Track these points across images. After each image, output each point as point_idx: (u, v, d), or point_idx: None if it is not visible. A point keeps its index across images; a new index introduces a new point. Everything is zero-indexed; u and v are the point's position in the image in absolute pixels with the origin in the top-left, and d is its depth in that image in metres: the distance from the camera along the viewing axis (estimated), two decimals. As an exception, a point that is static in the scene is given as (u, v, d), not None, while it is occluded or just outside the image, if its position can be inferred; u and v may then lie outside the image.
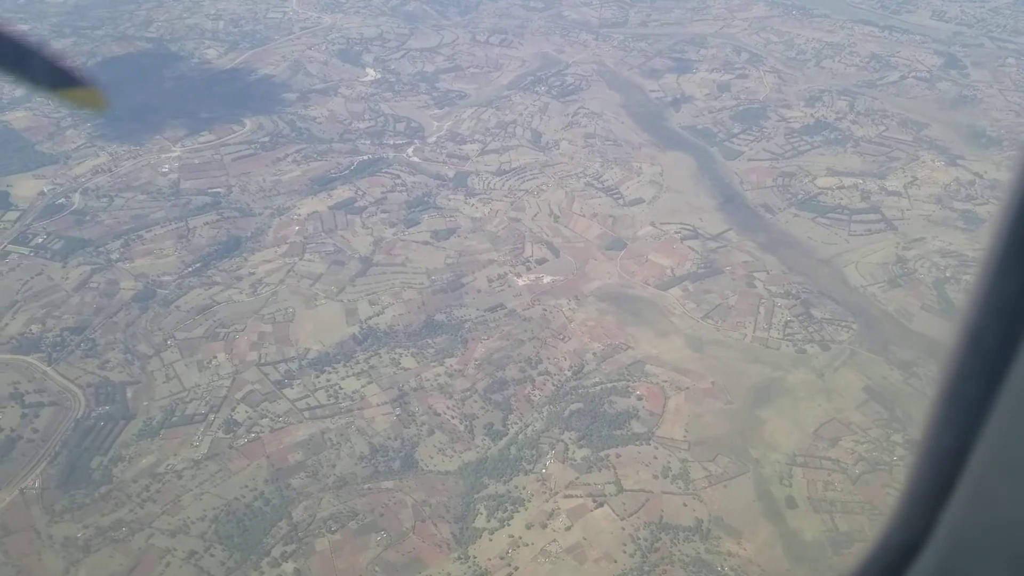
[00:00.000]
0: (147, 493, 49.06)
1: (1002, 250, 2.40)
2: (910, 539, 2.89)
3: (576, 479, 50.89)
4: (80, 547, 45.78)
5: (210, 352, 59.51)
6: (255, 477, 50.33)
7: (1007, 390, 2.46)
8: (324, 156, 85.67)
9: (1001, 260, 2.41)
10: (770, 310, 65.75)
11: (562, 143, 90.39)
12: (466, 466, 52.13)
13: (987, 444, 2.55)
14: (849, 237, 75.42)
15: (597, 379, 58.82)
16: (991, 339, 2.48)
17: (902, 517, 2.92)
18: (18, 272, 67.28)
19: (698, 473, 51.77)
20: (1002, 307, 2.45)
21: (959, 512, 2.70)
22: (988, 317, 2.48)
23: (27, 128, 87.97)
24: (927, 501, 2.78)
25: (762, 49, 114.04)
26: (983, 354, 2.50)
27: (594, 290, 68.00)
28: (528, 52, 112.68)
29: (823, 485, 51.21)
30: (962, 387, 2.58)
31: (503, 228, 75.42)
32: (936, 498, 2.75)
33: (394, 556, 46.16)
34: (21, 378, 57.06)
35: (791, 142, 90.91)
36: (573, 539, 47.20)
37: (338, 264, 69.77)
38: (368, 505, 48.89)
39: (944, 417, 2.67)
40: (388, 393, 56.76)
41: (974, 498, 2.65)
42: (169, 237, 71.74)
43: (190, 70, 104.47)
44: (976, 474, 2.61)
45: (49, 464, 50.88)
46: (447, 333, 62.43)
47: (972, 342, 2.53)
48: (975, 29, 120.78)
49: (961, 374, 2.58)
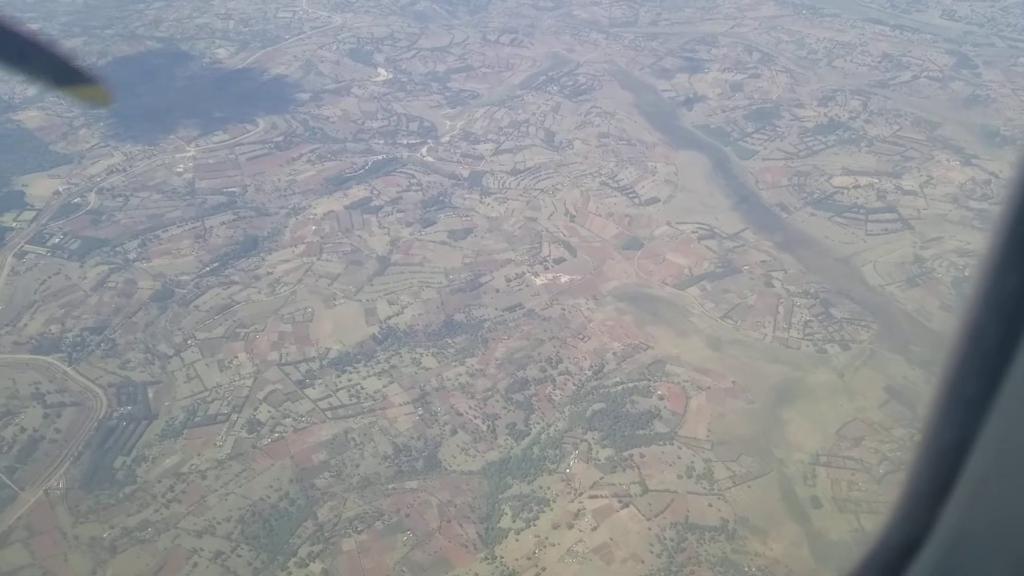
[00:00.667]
0: (172, 493, 48.98)
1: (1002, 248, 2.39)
2: (910, 537, 2.88)
3: (601, 479, 50.80)
4: (106, 548, 45.71)
5: (231, 352, 59.43)
6: (279, 477, 50.26)
7: (1007, 388, 2.45)
8: (338, 156, 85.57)
9: (1001, 258, 2.40)
10: (789, 310, 65.64)
11: (576, 142, 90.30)
12: (489, 466, 52.05)
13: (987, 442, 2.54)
14: (866, 236, 75.29)
15: (618, 379, 58.73)
16: (991, 337, 2.47)
17: (902, 515, 2.92)
18: (35, 272, 67.23)
19: (722, 473, 51.67)
20: (1002, 305, 2.43)
21: (959, 510, 2.69)
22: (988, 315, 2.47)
23: (40, 128, 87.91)
24: (927, 499, 2.78)
25: (773, 48, 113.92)
26: (983, 352, 2.49)
27: (612, 290, 67.90)
28: (539, 51, 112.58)
29: (847, 485, 51.09)
30: (962, 385, 2.58)
31: (519, 227, 75.33)
32: (936, 496, 2.75)
33: (421, 556, 46.08)
34: (42, 378, 57.00)
35: (805, 141, 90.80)
36: (600, 539, 47.11)
37: (356, 264, 69.69)
38: (393, 505, 48.81)
39: (944, 415, 2.66)
40: (410, 393, 56.69)
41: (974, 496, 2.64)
42: (186, 237, 71.67)
43: (201, 70, 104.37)
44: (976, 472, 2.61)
45: (72, 464, 50.83)
46: (467, 333, 62.35)
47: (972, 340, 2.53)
48: (986, 28, 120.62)
49: (961, 372, 2.58)
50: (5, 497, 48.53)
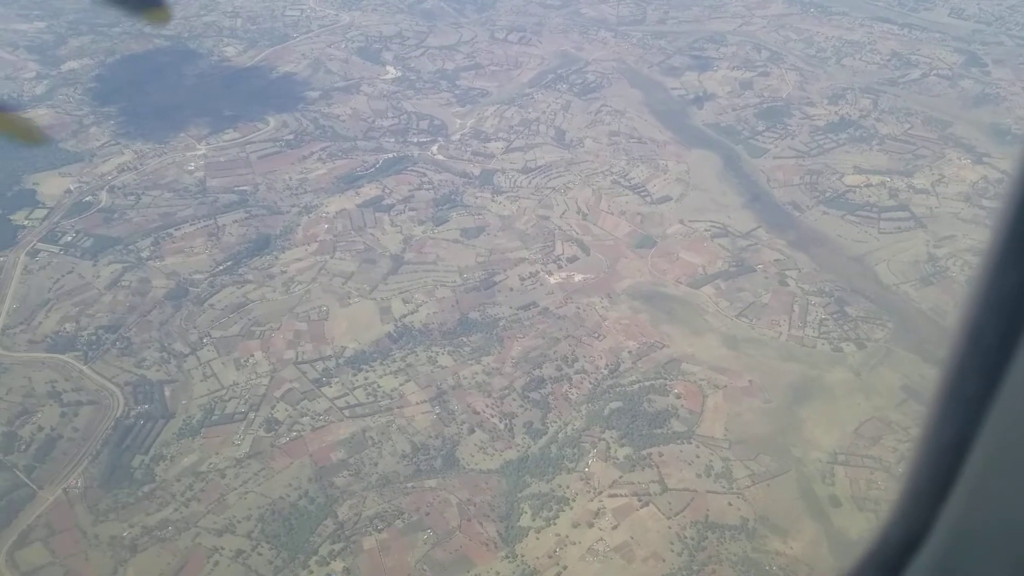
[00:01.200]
0: (191, 492, 48.91)
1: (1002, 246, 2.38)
2: (910, 535, 2.88)
3: (620, 478, 50.76)
4: (127, 546, 45.65)
5: (246, 350, 59.33)
6: (298, 476, 50.19)
7: (1007, 386, 2.45)
8: (349, 154, 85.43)
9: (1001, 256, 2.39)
10: (804, 308, 65.58)
11: (586, 141, 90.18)
12: (507, 464, 51.99)
13: (987, 440, 2.54)
14: (879, 235, 75.23)
15: (634, 377, 58.67)
16: (991, 335, 2.46)
17: (902, 513, 2.92)
18: (49, 270, 67.09)
19: (740, 472, 51.64)
20: (1002, 303, 2.43)
21: (959, 508, 2.70)
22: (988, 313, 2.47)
23: (50, 126, 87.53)
24: (927, 497, 2.78)
25: (782, 47, 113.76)
26: (983, 350, 2.49)
27: (626, 288, 67.82)
28: (547, 50, 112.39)
29: (866, 483, 51.09)
30: (962, 383, 2.57)
31: (532, 226, 75.23)
32: (936, 494, 2.75)
33: (442, 555, 46.03)
34: (58, 376, 56.90)
35: (816, 140, 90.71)
36: (620, 538, 47.07)
37: (369, 262, 69.58)
38: (413, 504, 48.74)
39: (944, 413, 2.66)
40: (427, 391, 56.61)
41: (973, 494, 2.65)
42: (199, 235, 71.53)
43: (210, 68, 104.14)
44: (976, 470, 2.61)
45: (91, 463, 50.74)
46: (482, 331, 62.26)
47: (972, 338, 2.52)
48: (994, 27, 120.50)
49: (961, 370, 2.57)
50: (24, 495, 48.48)
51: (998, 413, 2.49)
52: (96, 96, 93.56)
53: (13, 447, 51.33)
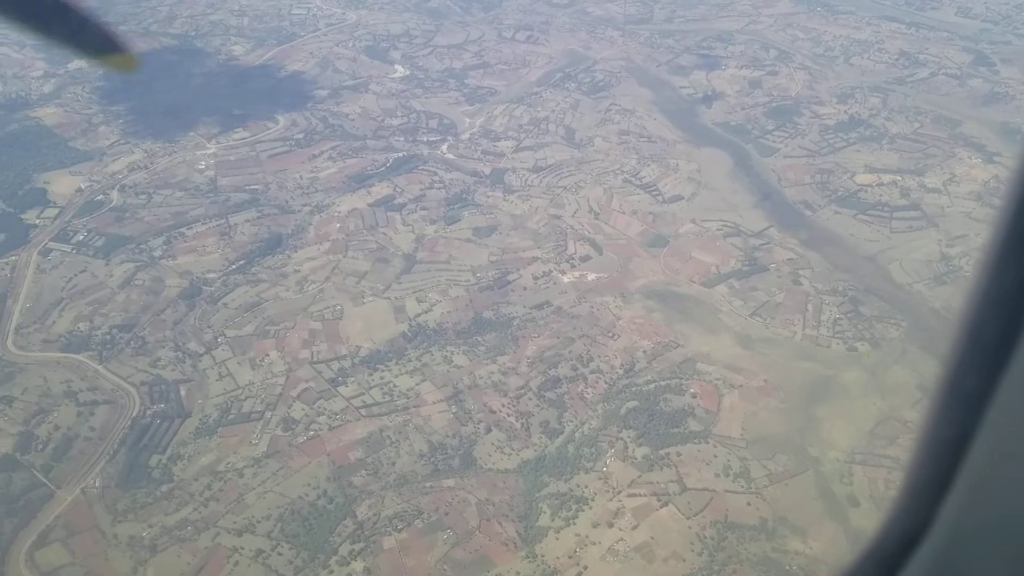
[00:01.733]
0: (209, 492, 48.85)
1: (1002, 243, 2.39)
2: (909, 531, 2.90)
3: (638, 477, 50.72)
4: (146, 546, 45.61)
5: (262, 350, 59.24)
6: (316, 475, 50.14)
7: (1007, 383, 2.45)
8: (359, 153, 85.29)
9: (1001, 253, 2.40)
10: (818, 308, 65.54)
11: (596, 140, 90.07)
12: (525, 464, 51.96)
13: (986, 436, 2.55)
14: (891, 234, 75.18)
15: (650, 377, 58.62)
16: (991, 331, 2.47)
17: (901, 509, 2.93)
18: (61, 270, 66.97)
19: (758, 472, 51.62)
20: (1002, 300, 2.44)
21: (958, 504, 2.71)
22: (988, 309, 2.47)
23: (59, 124, 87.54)
24: (926, 493, 2.79)
25: (789, 46, 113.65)
26: (983, 346, 2.49)
27: (640, 287, 67.76)
28: (555, 49, 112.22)
29: (884, 483, 51.04)
30: (962, 379, 2.58)
31: (544, 225, 75.14)
32: (935, 490, 2.76)
33: (461, 555, 46.00)
34: (73, 376, 56.82)
35: (826, 139, 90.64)
36: (640, 538, 47.05)
37: (382, 261, 69.49)
38: (432, 503, 48.71)
39: (944, 409, 2.67)
40: (443, 391, 56.55)
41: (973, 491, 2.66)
42: (211, 234, 71.40)
43: (217, 67, 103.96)
44: (975, 466, 2.62)
45: (108, 463, 50.68)
46: (496, 331, 62.20)
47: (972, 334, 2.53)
48: (1001, 26, 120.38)
49: (961, 366, 2.58)
50: (42, 495, 48.42)
51: (998, 409, 2.48)
52: (104, 95, 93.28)
53: (30, 446, 51.27)
